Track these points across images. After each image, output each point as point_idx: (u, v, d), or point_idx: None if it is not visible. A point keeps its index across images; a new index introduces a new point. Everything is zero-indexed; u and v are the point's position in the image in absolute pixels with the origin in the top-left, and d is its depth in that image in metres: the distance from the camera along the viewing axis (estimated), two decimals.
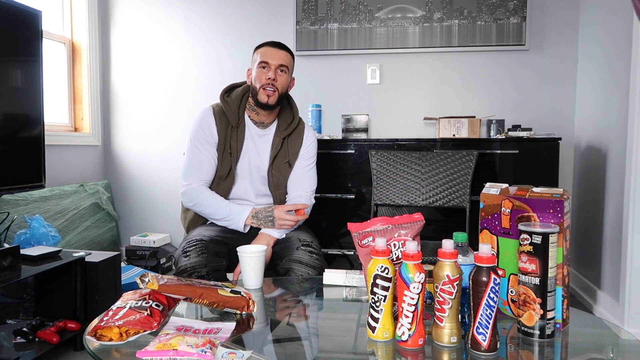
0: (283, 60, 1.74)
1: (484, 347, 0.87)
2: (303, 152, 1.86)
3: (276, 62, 1.73)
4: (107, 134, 3.29)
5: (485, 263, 0.86)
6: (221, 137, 1.79)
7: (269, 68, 1.73)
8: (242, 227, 1.73)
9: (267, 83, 1.72)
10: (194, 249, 1.59)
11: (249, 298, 1.09)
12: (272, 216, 1.71)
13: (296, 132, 1.86)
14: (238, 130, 1.79)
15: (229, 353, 0.85)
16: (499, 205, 1.06)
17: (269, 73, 1.72)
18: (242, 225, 1.73)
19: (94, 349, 0.90)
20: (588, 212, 2.59)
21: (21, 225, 2.27)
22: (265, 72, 1.73)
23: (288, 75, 1.78)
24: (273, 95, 1.74)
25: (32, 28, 1.93)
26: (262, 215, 1.72)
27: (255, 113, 1.81)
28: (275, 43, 1.78)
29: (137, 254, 2.95)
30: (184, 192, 1.77)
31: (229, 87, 1.88)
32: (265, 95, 1.74)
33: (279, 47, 1.77)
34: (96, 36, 3.17)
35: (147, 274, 1.05)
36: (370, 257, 0.94)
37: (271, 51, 1.75)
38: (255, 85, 1.75)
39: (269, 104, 1.75)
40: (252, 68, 1.79)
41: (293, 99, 1.91)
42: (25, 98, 1.93)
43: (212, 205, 1.74)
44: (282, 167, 1.83)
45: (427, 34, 2.86)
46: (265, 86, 1.73)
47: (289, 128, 1.84)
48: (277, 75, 1.73)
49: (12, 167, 1.88)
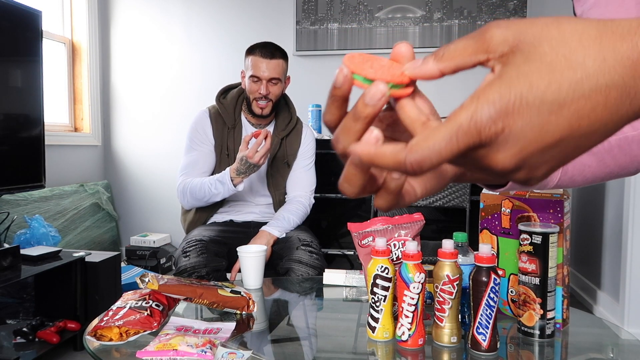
0: (274, 72, 1.71)
1: (484, 347, 0.87)
2: (302, 152, 1.86)
3: (267, 76, 1.70)
4: (107, 134, 3.29)
5: (485, 263, 0.86)
6: (217, 138, 1.79)
7: (261, 82, 1.71)
8: (230, 182, 1.63)
9: (260, 97, 1.73)
10: (193, 249, 1.59)
11: (249, 298, 1.09)
12: (247, 162, 1.59)
13: (294, 132, 1.86)
14: (235, 131, 1.80)
15: (229, 353, 0.85)
16: (499, 205, 1.06)
17: (261, 88, 1.71)
18: (229, 180, 1.63)
19: (94, 349, 0.90)
20: (588, 212, 2.59)
21: (21, 225, 2.27)
22: (257, 87, 1.72)
23: (281, 83, 1.76)
24: (267, 107, 1.75)
25: (32, 28, 1.93)
26: (242, 169, 1.62)
27: (251, 115, 1.82)
28: (266, 52, 1.70)
29: (137, 254, 2.95)
30: (177, 187, 1.76)
31: (224, 89, 1.88)
32: (258, 108, 1.75)
33: (270, 56, 1.70)
34: (96, 36, 3.17)
35: (147, 274, 1.05)
36: (370, 257, 0.94)
37: (262, 63, 1.69)
38: (249, 96, 1.76)
39: (263, 114, 1.76)
40: (245, 72, 1.77)
41: (290, 99, 1.90)
42: (25, 98, 1.93)
43: (200, 183, 1.69)
44: (280, 168, 1.83)
45: (427, 34, 2.86)
46: (257, 99, 1.74)
47: (287, 128, 1.84)
48: (268, 88, 1.72)
49: (12, 167, 1.88)
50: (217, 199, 1.71)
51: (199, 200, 1.73)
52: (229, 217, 1.86)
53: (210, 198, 1.71)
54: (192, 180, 1.73)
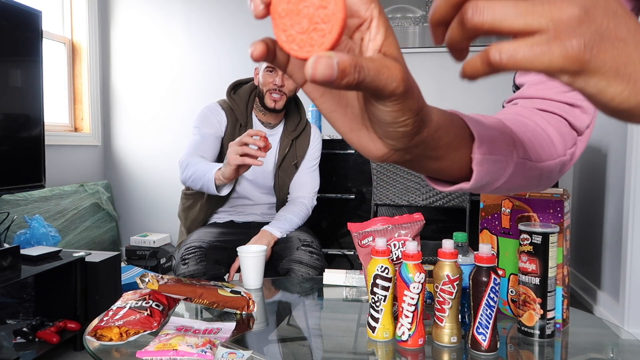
0: None
1: (484, 347, 0.87)
2: (309, 154, 1.86)
3: None
4: (107, 134, 3.29)
5: (485, 263, 0.86)
6: (228, 133, 1.76)
7: (276, 73, 1.70)
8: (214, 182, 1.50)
9: (274, 88, 1.71)
10: (192, 256, 1.57)
11: (249, 298, 1.09)
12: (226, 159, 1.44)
13: (304, 134, 1.85)
14: (246, 129, 1.77)
15: (229, 353, 0.85)
16: (499, 205, 1.06)
17: (276, 79, 1.70)
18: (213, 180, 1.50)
19: (94, 349, 0.90)
20: (588, 212, 2.59)
21: (21, 225, 2.27)
22: (272, 77, 1.71)
23: None
24: (280, 100, 1.72)
25: (32, 28, 1.93)
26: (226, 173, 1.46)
27: (262, 113, 1.80)
28: None
29: (137, 254, 2.95)
30: (180, 162, 1.64)
31: (235, 84, 1.85)
32: (271, 100, 1.72)
33: None
34: (96, 36, 3.17)
35: (147, 274, 1.05)
36: (370, 257, 0.94)
37: None
38: (262, 88, 1.73)
39: (276, 108, 1.73)
40: (259, 68, 1.77)
41: (300, 100, 1.89)
42: (25, 98, 1.93)
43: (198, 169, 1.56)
44: (289, 169, 1.82)
45: (427, 33, 2.86)
46: (271, 91, 1.71)
47: (297, 129, 1.83)
48: (284, 80, 1.71)
49: (12, 167, 1.88)
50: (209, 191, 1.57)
51: (194, 178, 1.58)
52: (229, 217, 1.86)
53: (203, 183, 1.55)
54: (196, 161, 1.60)
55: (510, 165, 0.44)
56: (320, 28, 0.28)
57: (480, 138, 0.41)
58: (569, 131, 0.53)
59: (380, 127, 0.33)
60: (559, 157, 0.51)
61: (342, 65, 0.26)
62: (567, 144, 0.52)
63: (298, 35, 0.28)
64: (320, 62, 0.25)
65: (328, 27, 0.27)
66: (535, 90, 0.55)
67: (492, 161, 0.42)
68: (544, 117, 0.52)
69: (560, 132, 0.52)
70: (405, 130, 0.33)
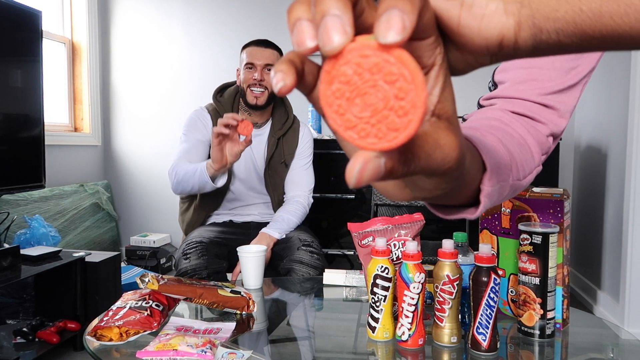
0: (269, 59, 1.74)
1: (484, 347, 0.87)
2: (299, 152, 1.86)
3: (262, 62, 1.73)
4: (107, 134, 3.29)
5: (485, 263, 0.86)
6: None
7: (255, 69, 1.73)
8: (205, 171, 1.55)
9: (254, 83, 1.73)
10: (194, 251, 1.58)
11: (249, 298, 1.10)
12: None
13: (291, 132, 1.86)
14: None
15: (229, 353, 0.86)
16: (499, 205, 1.06)
17: (255, 74, 1.73)
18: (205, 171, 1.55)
19: (94, 349, 0.90)
20: (588, 212, 2.59)
21: (21, 225, 2.27)
22: (251, 73, 1.74)
23: None
24: (262, 96, 1.75)
25: (32, 28, 1.93)
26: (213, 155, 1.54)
27: (247, 113, 1.82)
28: (261, 41, 1.78)
29: (137, 254, 2.95)
30: (168, 172, 1.70)
31: (220, 87, 1.89)
32: (253, 96, 1.74)
33: (265, 45, 1.76)
34: (96, 36, 3.17)
35: (147, 274, 1.05)
36: (370, 257, 0.94)
37: (256, 51, 1.75)
38: (243, 86, 1.76)
39: (257, 104, 1.75)
40: (240, 68, 1.80)
41: (288, 99, 1.90)
42: (25, 98, 1.93)
43: (189, 168, 1.62)
44: (278, 168, 1.83)
45: None
46: (252, 86, 1.74)
47: (284, 127, 1.84)
48: (263, 74, 1.74)
49: (12, 167, 1.88)
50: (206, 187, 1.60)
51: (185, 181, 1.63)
52: (228, 217, 1.86)
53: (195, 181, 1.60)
54: (184, 165, 1.65)
55: (506, 189, 0.44)
56: (392, 121, 0.23)
57: (491, 170, 0.39)
58: (545, 140, 0.52)
59: (416, 189, 0.31)
60: (535, 167, 0.51)
61: (390, 165, 0.23)
62: (542, 151, 0.52)
63: (360, 122, 0.23)
64: (368, 167, 0.23)
65: (402, 122, 0.22)
66: (515, 90, 0.54)
67: (497, 190, 0.41)
68: (523, 124, 0.51)
69: (538, 141, 0.51)
70: (441, 192, 0.31)
